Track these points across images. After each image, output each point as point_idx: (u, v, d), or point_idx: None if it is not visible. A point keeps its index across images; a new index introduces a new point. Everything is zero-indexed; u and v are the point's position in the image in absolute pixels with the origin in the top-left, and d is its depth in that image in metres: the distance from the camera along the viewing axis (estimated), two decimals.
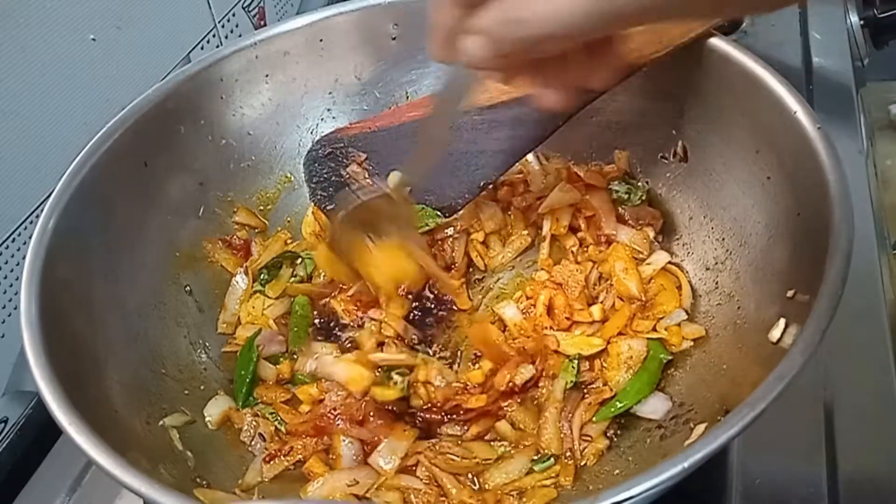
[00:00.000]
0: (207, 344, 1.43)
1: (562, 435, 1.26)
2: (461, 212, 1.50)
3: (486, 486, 1.22)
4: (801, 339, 0.97)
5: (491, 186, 1.53)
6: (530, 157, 1.57)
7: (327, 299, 1.47)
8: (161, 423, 1.22)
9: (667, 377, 1.31)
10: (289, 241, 1.59)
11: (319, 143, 1.59)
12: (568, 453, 1.25)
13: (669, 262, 1.45)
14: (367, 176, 1.50)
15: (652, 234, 1.47)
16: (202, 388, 1.36)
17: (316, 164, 1.56)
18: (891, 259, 1.53)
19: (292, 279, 1.52)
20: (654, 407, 1.26)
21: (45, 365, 1.05)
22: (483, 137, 1.42)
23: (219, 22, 1.91)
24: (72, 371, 1.08)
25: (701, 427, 1.14)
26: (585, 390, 1.32)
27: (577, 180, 1.53)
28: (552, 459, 1.23)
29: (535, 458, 1.24)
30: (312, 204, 1.58)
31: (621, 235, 1.48)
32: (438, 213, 1.48)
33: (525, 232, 1.54)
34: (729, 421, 0.91)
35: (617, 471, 1.21)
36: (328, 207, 1.53)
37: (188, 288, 1.45)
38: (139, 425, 1.18)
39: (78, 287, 1.23)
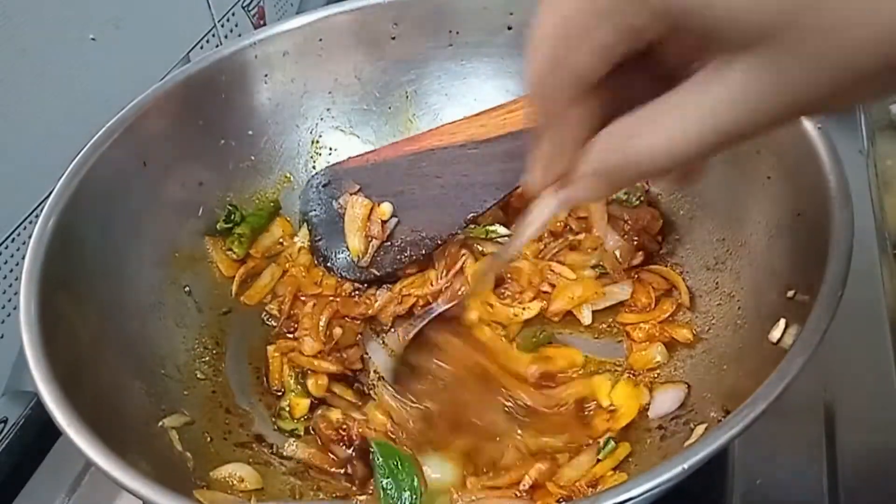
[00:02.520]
0: (207, 344, 1.42)
1: None
2: None
3: (560, 484, 1.20)
4: (800, 340, 0.97)
5: None
6: None
7: None
8: (160, 423, 1.22)
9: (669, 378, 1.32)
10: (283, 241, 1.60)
11: (320, 174, 1.62)
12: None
13: (668, 263, 1.46)
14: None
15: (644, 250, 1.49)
16: (200, 387, 1.35)
17: (312, 193, 1.60)
18: (891, 259, 1.53)
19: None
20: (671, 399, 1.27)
21: (44, 366, 1.04)
22: (475, 170, 1.44)
23: (218, 21, 1.91)
24: (71, 372, 1.08)
25: (701, 428, 1.14)
26: None
27: None
28: (612, 443, 1.23)
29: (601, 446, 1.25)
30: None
31: (609, 241, 1.49)
32: None
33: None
34: (729, 422, 0.91)
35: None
36: (318, 241, 1.56)
37: (187, 288, 1.45)
38: (138, 426, 1.18)
39: (77, 287, 1.23)
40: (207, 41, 1.89)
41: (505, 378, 1.33)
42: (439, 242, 1.48)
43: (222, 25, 1.92)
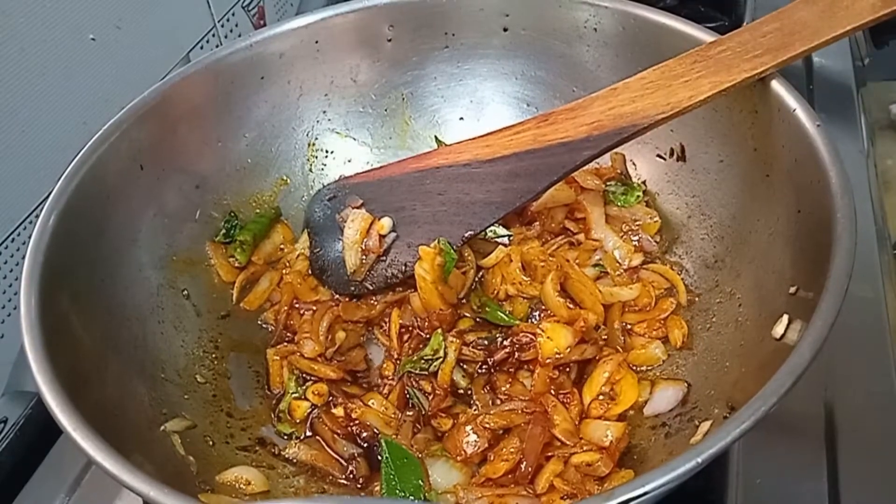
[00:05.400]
0: (206, 348, 1.42)
1: None
2: None
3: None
4: (809, 334, 0.97)
5: None
6: None
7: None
8: (162, 428, 1.21)
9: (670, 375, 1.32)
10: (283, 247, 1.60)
11: (327, 188, 1.61)
12: None
13: (667, 262, 1.47)
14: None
15: (642, 250, 1.50)
16: (200, 391, 1.34)
17: (316, 206, 1.59)
18: (891, 259, 1.53)
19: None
20: (670, 397, 1.27)
21: (46, 369, 1.04)
22: (476, 188, 1.43)
23: (218, 21, 1.92)
24: (72, 374, 1.07)
25: (706, 424, 1.14)
26: None
27: (574, 181, 1.53)
28: None
29: None
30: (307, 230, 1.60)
31: (608, 242, 1.50)
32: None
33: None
34: (742, 415, 0.90)
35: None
36: (317, 251, 1.55)
37: (185, 292, 1.44)
38: (140, 430, 1.18)
39: (77, 288, 1.22)
40: (207, 41, 1.90)
41: None
42: None
43: (222, 25, 1.93)
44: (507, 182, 1.40)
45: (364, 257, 1.48)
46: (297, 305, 1.50)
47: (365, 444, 1.31)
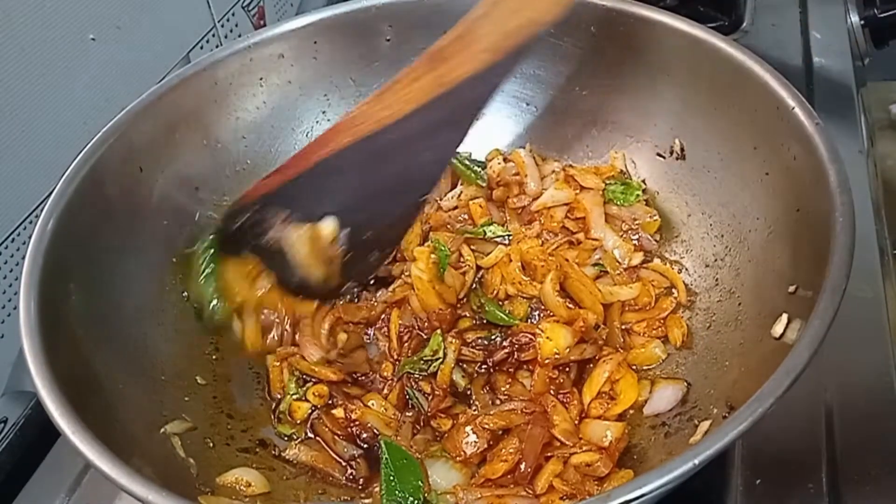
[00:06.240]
0: (207, 350, 1.42)
1: None
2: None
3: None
4: (807, 333, 0.97)
5: (484, 186, 1.57)
6: (526, 158, 1.57)
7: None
8: (162, 430, 1.21)
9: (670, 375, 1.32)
10: None
11: (226, 222, 1.41)
12: None
13: (667, 261, 1.47)
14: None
15: (642, 249, 1.50)
16: (201, 393, 1.34)
17: (241, 237, 1.38)
18: (891, 259, 1.53)
19: None
20: (669, 397, 1.27)
21: (45, 372, 1.04)
22: (404, 153, 1.31)
23: (218, 21, 1.92)
24: (72, 376, 1.08)
25: (705, 424, 1.14)
26: None
27: (573, 180, 1.53)
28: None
29: None
30: None
31: (607, 241, 1.49)
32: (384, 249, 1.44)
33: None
34: (739, 416, 0.91)
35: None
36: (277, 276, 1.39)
37: (185, 294, 1.43)
38: (140, 433, 1.18)
39: (77, 290, 1.22)
40: (207, 41, 1.90)
41: None
42: (402, 237, 1.47)
43: (222, 26, 1.93)
44: (429, 137, 1.31)
45: (329, 265, 1.38)
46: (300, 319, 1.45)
47: (365, 445, 1.31)
